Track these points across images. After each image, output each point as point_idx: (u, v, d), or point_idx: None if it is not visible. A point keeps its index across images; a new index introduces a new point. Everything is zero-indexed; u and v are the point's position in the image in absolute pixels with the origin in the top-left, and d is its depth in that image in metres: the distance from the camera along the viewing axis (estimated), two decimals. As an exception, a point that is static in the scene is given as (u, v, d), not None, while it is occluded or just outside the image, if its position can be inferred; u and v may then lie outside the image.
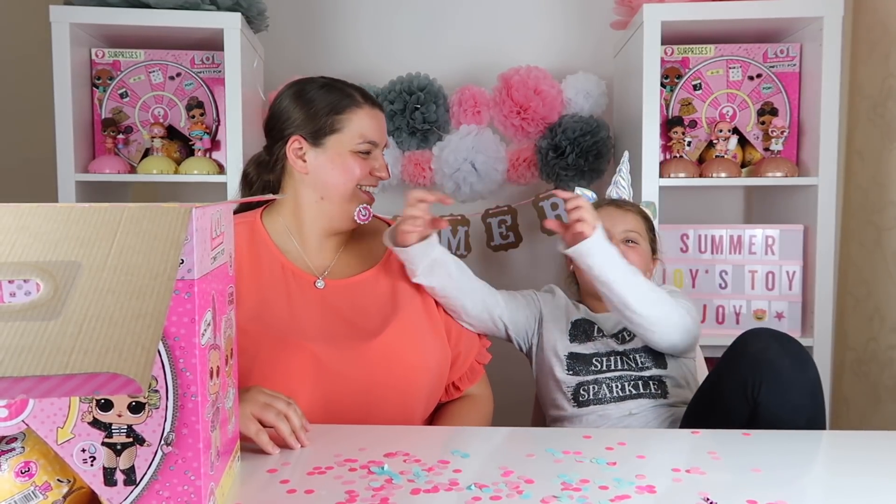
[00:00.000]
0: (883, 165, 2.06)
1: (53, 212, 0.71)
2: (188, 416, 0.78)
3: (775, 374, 1.25)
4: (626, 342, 1.53)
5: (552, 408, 1.54)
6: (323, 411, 1.29)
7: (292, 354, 1.28)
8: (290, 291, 1.37)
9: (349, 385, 1.30)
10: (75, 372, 0.51)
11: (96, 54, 2.11)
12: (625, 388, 1.48)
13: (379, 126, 1.43)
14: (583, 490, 0.94)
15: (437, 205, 1.37)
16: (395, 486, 0.95)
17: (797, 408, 1.25)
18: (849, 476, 1.03)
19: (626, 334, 1.54)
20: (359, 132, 1.39)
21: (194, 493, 0.79)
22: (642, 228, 1.63)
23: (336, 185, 1.39)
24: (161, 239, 0.66)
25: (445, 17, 2.49)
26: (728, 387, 1.30)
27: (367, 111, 1.40)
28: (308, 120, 1.38)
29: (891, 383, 2.01)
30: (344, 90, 1.41)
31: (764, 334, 1.31)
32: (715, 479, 0.99)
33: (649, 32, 1.96)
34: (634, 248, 1.59)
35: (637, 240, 1.60)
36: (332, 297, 1.38)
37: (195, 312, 0.76)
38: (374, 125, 1.41)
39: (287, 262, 1.39)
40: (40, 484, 0.78)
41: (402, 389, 1.34)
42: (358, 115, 1.39)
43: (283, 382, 1.26)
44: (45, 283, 0.60)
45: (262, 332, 1.30)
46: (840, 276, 2.25)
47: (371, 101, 1.43)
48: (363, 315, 1.37)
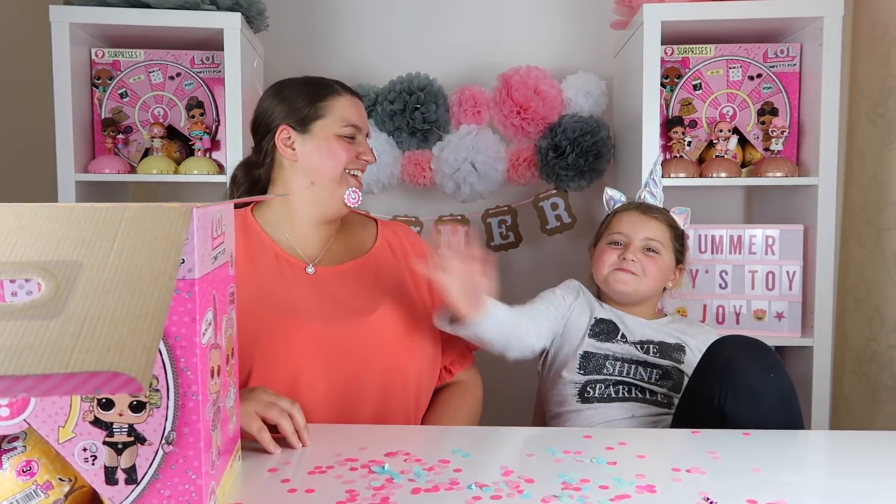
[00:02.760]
0: (883, 165, 2.06)
1: (54, 211, 0.71)
2: (189, 415, 0.78)
3: (741, 383, 1.22)
4: (649, 354, 1.52)
5: (554, 404, 1.54)
6: (326, 386, 1.32)
7: (294, 330, 1.32)
8: (285, 276, 1.41)
9: (350, 359, 1.33)
10: (77, 371, 0.51)
11: (96, 54, 2.11)
12: (632, 391, 1.48)
13: (360, 112, 1.48)
14: (583, 489, 0.95)
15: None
16: (396, 486, 0.95)
17: (766, 417, 1.22)
18: (849, 476, 1.03)
19: (652, 347, 1.53)
20: (342, 116, 1.43)
21: (195, 492, 0.79)
22: (666, 238, 1.60)
23: (325, 170, 1.43)
24: (162, 239, 0.66)
25: (445, 17, 2.49)
26: (698, 398, 1.29)
27: (347, 98, 1.46)
28: (293, 110, 1.43)
29: (891, 383, 2.01)
30: (322, 81, 1.48)
31: (730, 343, 1.29)
32: (715, 478, 0.99)
33: (649, 32, 1.96)
34: (653, 258, 1.57)
35: (658, 249, 1.58)
36: (323, 282, 1.42)
37: (196, 312, 0.77)
38: (355, 111, 1.46)
39: (280, 250, 1.43)
40: (42, 483, 0.78)
41: (398, 367, 1.37)
42: (339, 101, 1.44)
43: (285, 358, 1.30)
44: (47, 283, 0.60)
45: (264, 313, 1.33)
46: (840, 276, 2.25)
47: (349, 90, 1.48)
48: (355, 297, 1.41)
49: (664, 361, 1.50)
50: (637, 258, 1.56)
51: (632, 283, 1.56)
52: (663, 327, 1.58)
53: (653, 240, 1.57)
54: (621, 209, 1.66)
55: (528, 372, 1.71)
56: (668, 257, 1.59)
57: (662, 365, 1.50)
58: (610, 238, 1.61)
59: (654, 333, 1.56)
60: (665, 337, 1.55)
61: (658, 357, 1.51)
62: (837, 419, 2.27)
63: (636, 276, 1.55)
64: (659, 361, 1.50)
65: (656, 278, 1.58)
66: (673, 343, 1.54)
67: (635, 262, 1.55)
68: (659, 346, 1.53)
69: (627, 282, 1.56)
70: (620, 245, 1.59)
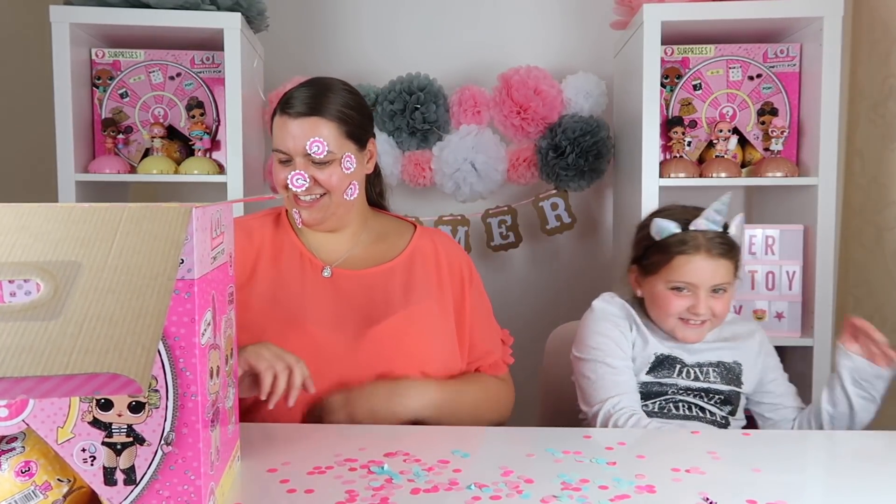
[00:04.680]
0: (883, 165, 2.06)
1: (54, 212, 0.71)
2: (188, 415, 0.78)
3: None
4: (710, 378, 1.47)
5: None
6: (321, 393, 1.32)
7: (294, 337, 1.31)
8: (306, 277, 1.41)
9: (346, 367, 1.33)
10: (76, 372, 0.51)
11: (96, 54, 2.11)
12: (692, 409, 1.45)
13: (285, 134, 1.36)
14: (582, 490, 0.95)
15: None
16: (395, 486, 0.95)
17: None
18: (848, 476, 1.04)
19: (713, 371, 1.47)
20: (275, 139, 1.39)
21: (194, 493, 0.79)
22: (730, 271, 1.45)
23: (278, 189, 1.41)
24: (161, 239, 0.66)
25: (445, 17, 2.49)
26: None
27: (277, 120, 1.38)
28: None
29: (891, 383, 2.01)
30: (291, 91, 1.39)
31: None
32: (715, 478, 1.00)
33: (649, 32, 1.96)
34: (721, 297, 1.45)
35: (726, 287, 1.45)
36: (342, 285, 1.41)
37: (195, 312, 0.77)
38: (280, 134, 1.37)
39: (305, 251, 1.44)
40: (40, 483, 0.78)
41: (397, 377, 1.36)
42: (275, 123, 1.39)
43: None
44: (46, 283, 0.60)
45: (272, 312, 1.34)
46: (840, 276, 2.24)
47: (285, 106, 1.37)
48: (371, 304, 1.39)
49: (725, 387, 1.46)
50: (707, 306, 1.43)
51: (705, 331, 1.47)
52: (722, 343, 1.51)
53: (721, 283, 1.44)
54: (690, 251, 1.43)
55: (528, 372, 1.71)
56: (734, 285, 1.48)
57: (723, 391, 1.46)
58: (673, 283, 1.44)
59: (713, 353, 1.49)
60: (723, 356, 1.49)
61: (719, 382, 1.46)
62: (837, 419, 2.27)
63: (707, 322, 1.45)
64: (720, 388, 1.46)
65: (726, 312, 1.48)
66: (730, 363, 1.49)
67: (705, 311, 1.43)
68: (719, 369, 1.48)
69: (702, 333, 1.46)
70: (686, 292, 1.44)
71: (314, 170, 1.36)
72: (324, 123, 1.35)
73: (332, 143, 1.35)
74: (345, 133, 1.37)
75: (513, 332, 1.58)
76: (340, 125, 1.36)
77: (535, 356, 1.85)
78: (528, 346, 1.95)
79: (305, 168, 1.35)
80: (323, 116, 1.35)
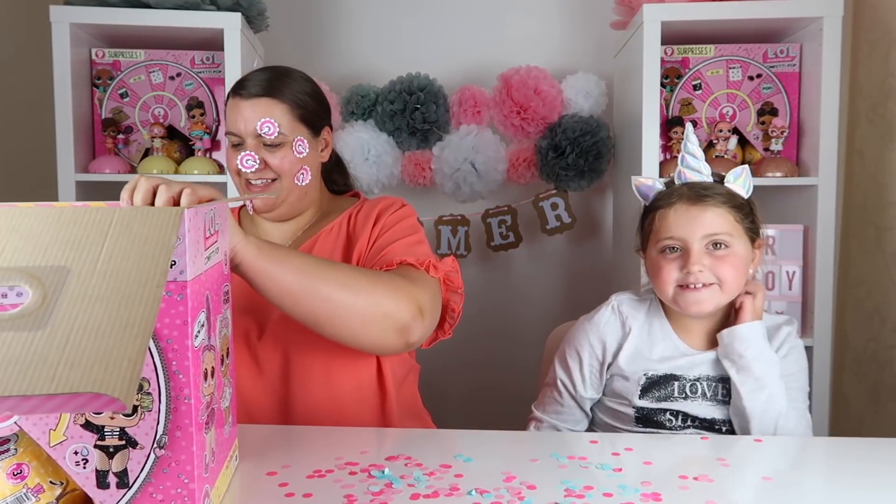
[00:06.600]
0: (883, 165, 2.05)
1: (45, 213, 0.70)
2: (181, 418, 0.78)
3: None
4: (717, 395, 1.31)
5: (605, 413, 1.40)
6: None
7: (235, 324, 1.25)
8: None
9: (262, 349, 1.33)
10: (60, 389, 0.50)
11: (96, 54, 2.11)
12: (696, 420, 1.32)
13: (236, 116, 1.33)
14: (586, 497, 0.92)
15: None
16: (395, 491, 0.94)
17: None
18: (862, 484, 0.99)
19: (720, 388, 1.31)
20: (228, 123, 1.36)
21: (188, 496, 0.79)
22: (731, 221, 1.26)
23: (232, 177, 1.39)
24: (151, 242, 0.66)
25: (445, 17, 2.49)
26: None
27: (230, 102, 1.36)
28: None
29: (891, 383, 2.00)
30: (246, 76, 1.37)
31: None
32: (724, 486, 0.96)
33: (649, 32, 1.95)
34: (724, 256, 1.25)
35: (726, 241, 1.25)
36: None
37: (188, 314, 0.76)
38: (232, 116, 1.35)
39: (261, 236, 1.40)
40: (33, 486, 0.78)
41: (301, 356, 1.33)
42: (228, 105, 1.36)
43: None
44: (34, 290, 0.59)
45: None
46: (840, 276, 2.24)
47: (238, 87, 1.35)
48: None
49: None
50: (704, 266, 1.25)
51: (708, 300, 1.26)
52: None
53: (716, 234, 1.25)
54: (664, 204, 1.29)
55: (528, 372, 1.71)
56: (741, 245, 1.27)
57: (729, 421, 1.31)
58: (660, 245, 1.29)
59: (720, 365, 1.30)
60: None
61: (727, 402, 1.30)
62: (837, 419, 2.26)
63: (711, 289, 1.26)
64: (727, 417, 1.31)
65: (735, 279, 1.26)
66: None
67: (703, 271, 1.25)
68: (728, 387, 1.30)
69: (703, 301, 1.26)
70: (677, 251, 1.28)
71: (265, 152, 1.33)
72: (276, 105, 1.33)
73: (285, 125, 1.33)
74: (297, 117, 1.35)
75: (513, 332, 1.58)
76: (294, 108, 1.34)
77: (534, 356, 1.84)
78: (528, 346, 1.95)
79: (256, 150, 1.32)
80: (275, 98, 1.33)
